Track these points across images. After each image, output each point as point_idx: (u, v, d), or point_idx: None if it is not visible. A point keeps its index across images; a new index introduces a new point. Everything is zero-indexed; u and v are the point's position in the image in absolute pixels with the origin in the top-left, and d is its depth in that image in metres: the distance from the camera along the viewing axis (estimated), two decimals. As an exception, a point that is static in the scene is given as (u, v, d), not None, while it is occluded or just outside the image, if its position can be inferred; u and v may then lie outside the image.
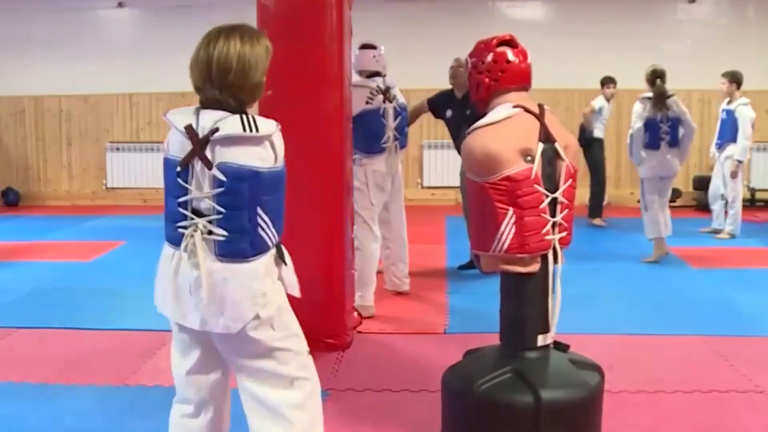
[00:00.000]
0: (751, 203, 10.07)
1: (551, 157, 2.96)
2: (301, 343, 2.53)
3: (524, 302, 2.99)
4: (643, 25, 10.28)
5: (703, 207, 9.57)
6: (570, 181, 2.99)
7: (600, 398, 3.01)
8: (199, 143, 2.33)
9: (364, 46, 5.47)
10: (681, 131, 6.68)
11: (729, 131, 7.79)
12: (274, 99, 4.20)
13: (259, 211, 2.34)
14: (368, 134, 5.23)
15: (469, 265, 6.09)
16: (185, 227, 2.36)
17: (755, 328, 4.85)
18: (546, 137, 2.95)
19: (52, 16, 10.81)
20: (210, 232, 2.34)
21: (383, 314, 5.13)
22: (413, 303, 5.48)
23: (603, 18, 10.32)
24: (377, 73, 5.44)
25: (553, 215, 2.94)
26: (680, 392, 3.76)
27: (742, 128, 7.61)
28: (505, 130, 2.91)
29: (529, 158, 2.90)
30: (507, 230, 2.87)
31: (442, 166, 10.67)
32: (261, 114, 4.45)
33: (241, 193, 2.31)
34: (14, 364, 4.25)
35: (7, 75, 10.94)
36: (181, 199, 2.37)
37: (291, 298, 2.52)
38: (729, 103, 7.84)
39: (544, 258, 2.96)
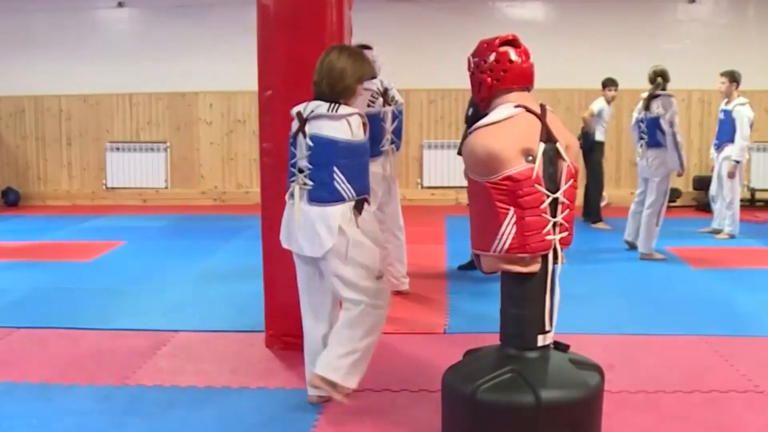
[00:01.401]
0: (750, 203, 10.08)
1: (552, 157, 2.96)
2: (364, 274, 3.36)
3: (524, 302, 2.99)
4: (643, 25, 10.29)
5: (703, 207, 9.58)
6: (571, 181, 3.00)
7: (600, 398, 3.01)
8: (303, 121, 3.37)
9: (360, 47, 5.41)
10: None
11: (727, 132, 7.78)
12: (274, 99, 4.23)
13: (335, 169, 3.28)
14: (369, 137, 5.20)
15: (469, 266, 6.09)
16: (293, 181, 3.40)
17: (755, 328, 4.85)
18: (547, 137, 2.95)
19: (52, 16, 10.82)
20: (305, 184, 3.34)
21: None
22: (413, 303, 5.48)
23: (603, 18, 10.32)
24: (372, 75, 5.42)
25: (554, 215, 2.94)
26: (680, 392, 3.75)
27: (740, 129, 7.61)
28: (507, 129, 2.91)
29: (530, 158, 2.90)
30: (508, 230, 2.87)
31: (442, 166, 10.67)
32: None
33: (321, 154, 3.30)
34: (14, 364, 4.24)
35: (7, 75, 10.95)
36: (291, 161, 3.42)
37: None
38: (727, 103, 7.83)
39: (545, 258, 2.96)
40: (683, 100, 10.33)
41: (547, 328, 3.01)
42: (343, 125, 3.32)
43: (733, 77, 7.74)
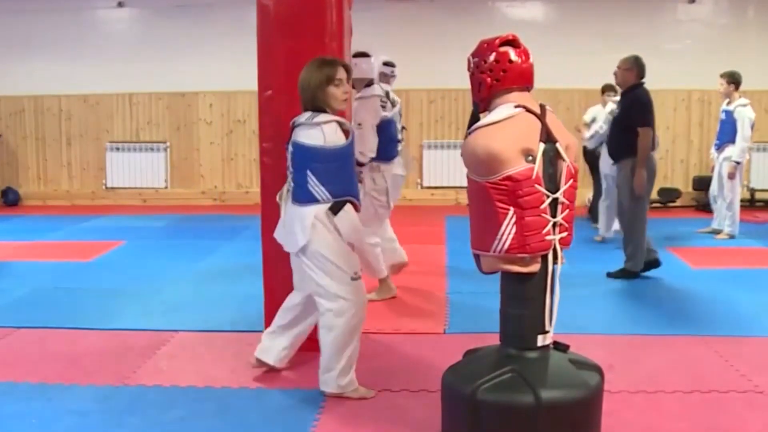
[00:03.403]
0: (750, 203, 10.07)
1: (552, 158, 2.96)
2: (335, 275, 3.57)
3: (524, 302, 2.99)
4: (643, 25, 10.29)
5: (703, 207, 9.58)
6: (571, 181, 3.00)
7: (600, 398, 3.01)
8: (291, 129, 3.67)
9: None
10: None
11: (728, 132, 7.78)
12: (274, 99, 4.23)
13: (309, 173, 3.54)
14: (387, 141, 5.41)
15: (620, 274, 6.01)
16: (287, 182, 3.71)
17: (755, 328, 4.85)
18: (547, 137, 2.95)
19: (52, 16, 10.82)
20: (290, 185, 3.64)
21: (383, 314, 5.13)
22: (413, 303, 5.48)
23: (603, 18, 10.32)
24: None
25: (553, 215, 2.94)
26: (680, 392, 3.75)
27: (741, 129, 7.60)
28: (507, 129, 2.91)
29: (530, 158, 2.90)
30: (508, 230, 2.87)
31: (441, 166, 10.68)
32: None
33: (298, 159, 3.60)
34: (14, 364, 4.24)
35: (7, 75, 10.96)
36: (287, 165, 3.71)
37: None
38: (728, 103, 7.83)
39: (544, 258, 2.96)
40: (683, 100, 10.33)
41: (547, 328, 3.01)
42: (318, 132, 3.55)
43: (732, 78, 7.73)
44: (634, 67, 6.04)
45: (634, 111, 5.92)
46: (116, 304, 5.48)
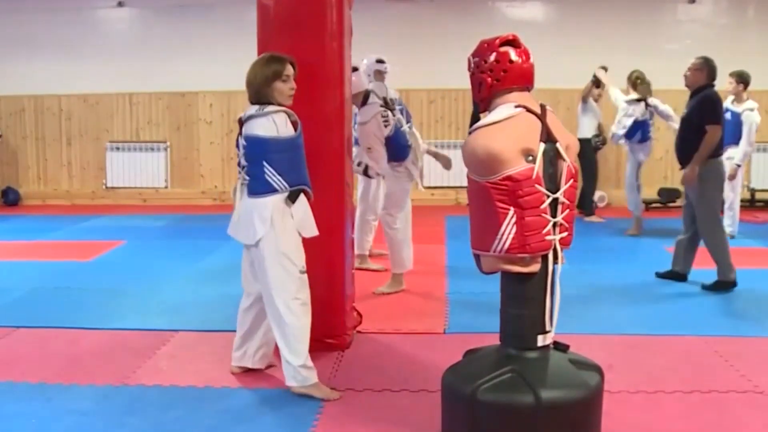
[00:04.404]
0: (750, 204, 10.07)
1: (552, 158, 2.96)
2: (288, 266, 3.64)
3: (524, 302, 2.99)
4: (643, 25, 10.29)
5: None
6: (571, 181, 3.00)
7: (600, 398, 3.01)
8: (241, 124, 3.76)
9: (377, 62, 5.70)
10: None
11: (732, 133, 7.73)
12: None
13: (265, 164, 3.60)
14: (398, 147, 5.66)
15: (668, 275, 5.99)
16: (238, 178, 3.75)
17: (755, 328, 4.85)
18: (547, 137, 2.95)
19: (52, 16, 10.81)
20: (245, 179, 3.68)
21: (383, 314, 5.13)
22: (413, 303, 5.48)
23: (603, 18, 10.32)
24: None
25: (554, 215, 2.94)
26: (680, 392, 3.75)
27: (747, 134, 7.56)
28: (507, 129, 2.91)
29: (530, 158, 2.90)
30: (508, 230, 2.87)
31: (441, 166, 10.65)
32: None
33: (253, 151, 3.65)
34: (14, 363, 4.24)
35: (7, 75, 10.95)
36: (238, 161, 3.78)
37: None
38: (734, 103, 7.74)
39: (545, 258, 2.96)
40: (684, 101, 10.31)
41: (547, 328, 3.01)
42: (269, 122, 3.62)
43: (741, 78, 7.66)
44: (705, 67, 5.95)
45: (705, 110, 5.77)
46: (116, 304, 5.48)
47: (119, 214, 9.96)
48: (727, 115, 7.87)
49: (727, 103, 7.90)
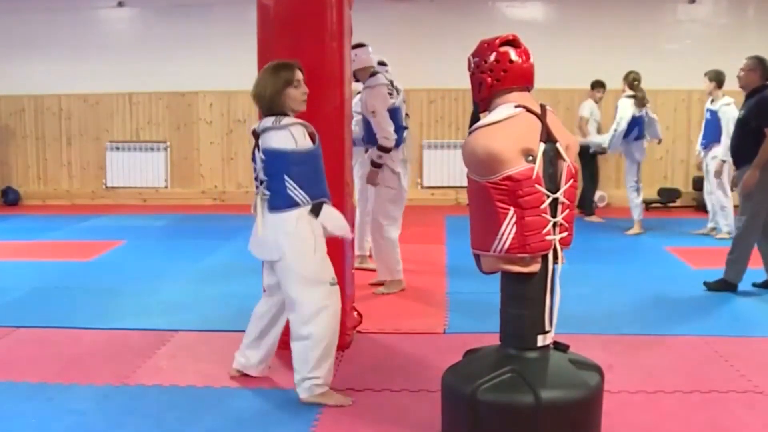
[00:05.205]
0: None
1: (552, 157, 2.96)
2: (313, 279, 3.55)
3: (524, 302, 2.99)
4: (643, 25, 10.28)
5: (703, 207, 9.56)
6: (571, 181, 3.00)
7: (600, 398, 3.01)
8: (256, 137, 3.62)
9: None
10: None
11: (713, 132, 7.77)
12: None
13: (287, 178, 3.50)
14: (395, 128, 5.57)
15: (718, 285, 5.69)
16: (257, 193, 3.64)
17: (755, 328, 4.85)
18: (547, 137, 2.95)
19: (52, 16, 10.81)
20: (264, 194, 3.58)
21: (383, 314, 5.13)
22: (413, 303, 5.48)
23: (603, 18, 10.32)
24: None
25: (554, 215, 2.94)
26: (680, 392, 3.75)
27: (726, 129, 7.58)
28: (507, 129, 2.91)
29: (530, 158, 2.90)
30: (508, 230, 2.87)
31: (441, 166, 10.67)
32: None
33: (273, 165, 3.54)
34: (14, 363, 4.24)
35: (7, 75, 10.95)
36: (254, 175, 3.67)
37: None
38: (712, 102, 7.83)
39: (545, 258, 2.96)
40: (683, 100, 10.32)
41: (547, 328, 3.01)
42: (287, 135, 3.52)
43: (714, 76, 7.75)
44: (758, 67, 5.84)
45: (763, 112, 5.61)
46: (116, 304, 5.48)
47: (119, 213, 9.96)
48: (706, 114, 7.92)
49: (707, 103, 7.95)
